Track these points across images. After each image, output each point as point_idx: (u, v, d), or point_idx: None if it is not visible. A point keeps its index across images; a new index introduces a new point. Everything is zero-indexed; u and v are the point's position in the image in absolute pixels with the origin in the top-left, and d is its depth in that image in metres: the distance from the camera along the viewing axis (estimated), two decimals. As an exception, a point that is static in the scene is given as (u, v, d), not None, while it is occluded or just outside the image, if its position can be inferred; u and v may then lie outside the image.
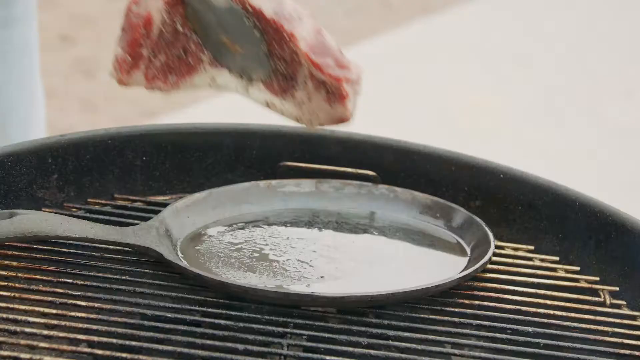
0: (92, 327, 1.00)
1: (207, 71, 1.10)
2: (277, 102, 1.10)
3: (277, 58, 1.08)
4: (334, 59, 1.06)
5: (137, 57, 1.07)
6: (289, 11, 1.06)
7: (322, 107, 1.08)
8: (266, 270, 1.13)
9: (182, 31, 1.07)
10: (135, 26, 1.06)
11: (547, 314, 1.11)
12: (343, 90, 1.07)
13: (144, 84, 1.09)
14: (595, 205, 1.22)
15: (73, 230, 1.10)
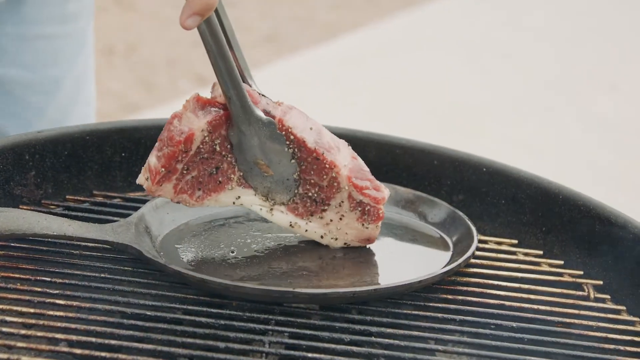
0: (71, 326, 0.99)
1: (233, 190, 1.14)
2: (302, 223, 1.15)
3: (311, 185, 1.13)
4: (370, 182, 1.14)
5: (172, 170, 1.10)
6: (327, 141, 1.13)
7: (354, 226, 1.15)
8: (247, 267, 1.12)
9: (219, 151, 1.11)
10: (177, 142, 1.09)
11: (531, 308, 1.10)
12: (381, 211, 1.14)
13: (171, 196, 1.12)
14: (579, 199, 1.21)
15: (51, 227, 1.08)
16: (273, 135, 1.11)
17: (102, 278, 1.08)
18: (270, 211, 1.15)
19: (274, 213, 1.15)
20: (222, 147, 1.11)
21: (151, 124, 1.31)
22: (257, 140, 1.11)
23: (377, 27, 5.05)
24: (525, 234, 1.25)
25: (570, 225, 1.22)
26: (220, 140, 1.11)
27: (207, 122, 1.10)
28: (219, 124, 1.10)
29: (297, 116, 1.12)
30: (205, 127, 1.10)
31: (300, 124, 1.12)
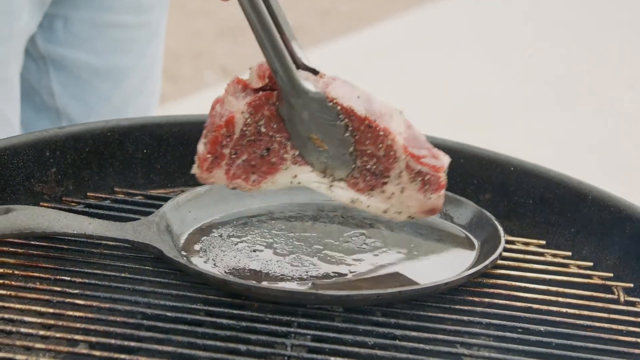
0: (91, 327, 0.98)
1: (289, 169, 1.11)
2: (363, 199, 1.11)
3: (368, 156, 1.09)
4: (428, 150, 1.09)
5: (219, 156, 1.08)
6: (378, 108, 1.08)
7: (416, 198, 1.10)
8: (270, 268, 1.10)
9: (265, 131, 1.09)
10: (218, 126, 1.08)
11: (559, 312, 1.08)
12: (441, 179, 1.09)
13: (225, 182, 1.10)
14: (609, 199, 1.19)
15: (71, 226, 1.07)
16: (323, 108, 1.07)
17: (122, 278, 1.07)
18: (330, 188, 1.11)
19: (333, 190, 1.11)
20: (268, 127, 1.08)
21: (173, 120, 1.30)
22: (307, 114, 1.07)
23: (399, 19, 5.03)
24: (554, 235, 1.23)
25: (600, 227, 1.19)
26: (264, 121, 1.08)
27: (246, 103, 1.07)
28: (260, 105, 1.07)
29: (341, 86, 1.08)
30: (245, 108, 1.07)
31: (346, 93, 1.07)
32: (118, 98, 1.64)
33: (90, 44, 1.60)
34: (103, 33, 1.60)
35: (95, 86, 1.62)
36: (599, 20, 5.15)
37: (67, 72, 1.61)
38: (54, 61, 1.59)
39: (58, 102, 1.62)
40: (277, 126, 1.08)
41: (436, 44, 4.73)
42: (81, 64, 1.61)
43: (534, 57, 4.61)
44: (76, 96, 1.62)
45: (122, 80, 1.63)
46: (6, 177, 1.18)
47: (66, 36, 1.58)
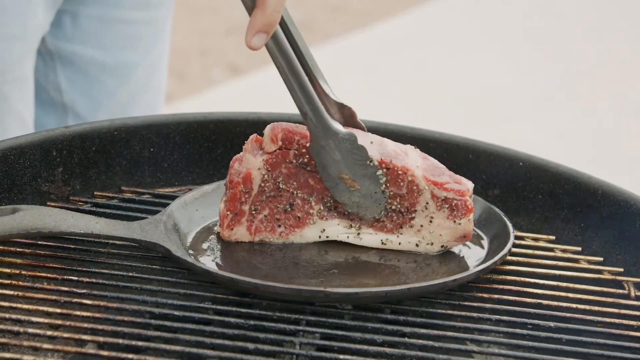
0: (98, 327, 0.97)
1: (316, 224, 1.13)
2: (393, 238, 1.13)
3: (392, 197, 1.11)
4: (449, 177, 1.11)
5: (239, 213, 1.11)
6: (392, 149, 1.11)
7: (446, 226, 1.11)
8: (277, 265, 1.09)
9: (285, 188, 1.11)
10: (236, 183, 1.10)
11: (569, 307, 1.07)
12: (468, 202, 1.11)
13: (248, 238, 1.12)
14: (619, 194, 1.18)
15: (78, 225, 1.07)
16: (354, 148, 1.09)
17: (129, 277, 1.06)
18: (358, 236, 1.13)
19: (362, 237, 1.13)
20: (288, 184, 1.11)
21: (180, 119, 1.29)
22: (338, 154, 1.10)
23: (410, 14, 5.01)
24: (563, 230, 1.22)
25: (610, 221, 1.18)
26: (282, 178, 1.11)
27: (263, 160, 1.10)
28: (277, 162, 1.10)
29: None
30: (261, 165, 1.10)
31: (359, 141, 1.10)
32: (124, 94, 1.64)
33: (98, 40, 1.60)
34: (111, 29, 1.60)
35: (102, 82, 1.62)
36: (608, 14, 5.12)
37: (74, 68, 1.61)
38: (61, 57, 1.59)
39: (65, 97, 1.62)
40: (297, 183, 1.11)
41: (446, 39, 4.71)
42: (89, 59, 1.61)
43: (544, 52, 4.59)
44: (83, 92, 1.62)
45: (129, 76, 1.63)
46: (13, 177, 1.18)
47: (74, 32, 1.59)
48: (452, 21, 4.97)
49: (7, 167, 1.17)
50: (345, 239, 1.13)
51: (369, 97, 4.00)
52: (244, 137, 1.29)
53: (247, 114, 1.31)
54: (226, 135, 1.30)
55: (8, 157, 1.18)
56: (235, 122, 1.30)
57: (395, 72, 4.32)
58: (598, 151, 3.63)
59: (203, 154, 1.30)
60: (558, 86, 4.22)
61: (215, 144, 1.30)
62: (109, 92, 1.63)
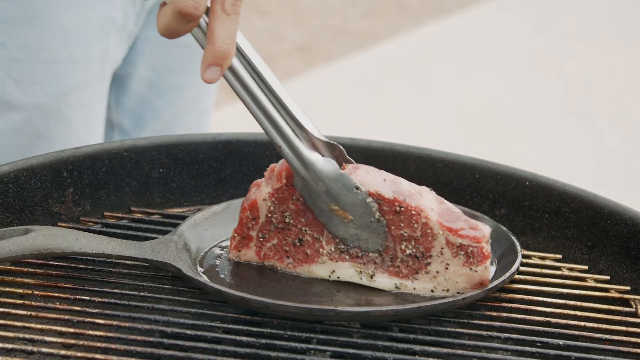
0: (111, 346, 0.98)
1: (326, 264, 1.12)
2: (408, 283, 1.10)
3: (406, 240, 1.08)
4: (465, 222, 1.08)
5: (247, 237, 1.12)
6: (406, 188, 1.08)
7: (462, 273, 1.08)
8: (288, 284, 1.10)
9: (293, 223, 1.11)
10: (243, 208, 1.12)
11: (577, 325, 1.07)
12: (485, 249, 1.07)
13: (258, 260, 1.13)
14: (625, 212, 1.19)
15: (90, 246, 1.07)
16: (337, 176, 1.07)
17: (141, 297, 1.07)
18: (371, 279, 1.11)
19: (375, 280, 1.11)
20: (297, 220, 1.10)
21: (189, 140, 1.30)
22: (322, 185, 1.07)
23: (409, 35, 5.04)
24: (570, 249, 1.23)
25: (617, 240, 1.19)
26: (290, 213, 1.10)
27: (268, 193, 1.10)
28: (284, 198, 1.09)
29: (365, 173, 1.08)
30: (267, 197, 1.10)
31: (371, 179, 1.08)
32: (170, 114, 1.66)
33: (151, 61, 1.62)
34: (166, 52, 1.62)
35: (149, 101, 1.64)
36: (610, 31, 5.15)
37: (124, 87, 1.63)
38: (114, 75, 1.61)
39: (113, 115, 1.65)
40: (306, 220, 1.10)
41: (448, 58, 4.74)
42: (139, 79, 1.63)
43: (545, 70, 4.61)
44: (130, 110, 1.64)
45: (176, 97, 1.65)
46: (24, 198, 1.19)
47: (130, 53, 1.61)
48: (453, 40, 4.99)
49: (19, 188, 1.19)
50: (358, 281, 1.11)
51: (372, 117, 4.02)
52: (252, 157, 1.31)
53: (256, 135, 1.32)
54: (235, 156, 1.31)
55: (20, 178, 1.19)
56: (244, 143, 1.31)
57: (397, 91, 4.33)
58: (598, 168, 3.64)
59: (212, 175, 1.31)
60: (559, 103, 4.24)
61: (224, 165, 1.31)
62: (155, 111, 1.64)
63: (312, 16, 5.23)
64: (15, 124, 1.47)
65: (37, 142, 1.49)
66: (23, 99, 1.46)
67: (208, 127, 1.75)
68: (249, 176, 1.31)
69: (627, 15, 5.40)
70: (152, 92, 1.64)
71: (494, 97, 4.28)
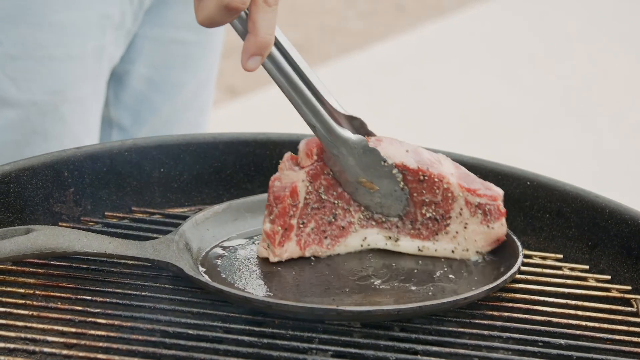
0: (113, 345, 0.98)
1: (358, 232, 1.16)
2: (429, 245, 1.16)
3: (427, 205, 1.15)
4: (481, 184, 1.15)
5: (288, 228, 1.13)
6: (428, 157, 1.14)
7: (480, 231, 1.15)
8: (289, 284, 1.10)
9: (327, 198, 1.14)
10: (282, 198, 1.12)
11: (578, 325, 1.08)
12: (501, 206, 1.14)
13: (299, 253, 1.14)
14: (626, 212, 1.19)
15: (91, 245, 1.07)
16: (367, 151, 1.12)
17: (142, 296, 1.07)
18: (396, 243, 1.16)
19: (400, 244, 1.16)
20: (329, 194, 1.14)
21: (190, 140, 1.30)
22: (352, 160, 1.12)
23: (407, 35, 5.04)
24: (571, 249, 1.23)
25: (618, 240, 1.19)
26: (323, 189, 1.13)
27: (305, 172, 1.12)
28: (317, 174, 1.13)
29: (389, 144, 1.14)
30: (304, 177, 1.12)
31: (395, 150, 1.13)
32: (169, 111, 1.66)
33: (150, 59, 1.63)
34: (164, 49, 1.63)
35: (148, 98, 1.65)
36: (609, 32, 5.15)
37: (123, 84, 1.64)
38: (112, 73, 1.62)
39: (111, 112, 1.65)
40: (336, 193, 1.14)
41: (446, 58, 4.74)
42: (138, 76, 1.63)
43: (544, 70, 4.61)
44: (129, 107, 1.65)
45: (175, 94, 1.66)
46: (25, 198, 1.19)
47: (129, 51, 1.61)
48: (452, 40, 5.00)
49: (20, 188, 1.18)
50: (384, 246, 1.16)
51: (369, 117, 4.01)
52: (252, 157, 1.31)
53: (256, 135, 1.32)
54: (235, 156, 1.31)
55: (20, 177, 1.19)
56: (245, 143, 1.31)
57: (394, 92, 4.33)
58: (598, 168, 3.65)
59: (212, 175, 1.31)
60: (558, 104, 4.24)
61: (225, 165, 1.31)
62: (154, 108, 1.65)
63: (309, 16, 5.23)
64: (11, 120, 1.47)
65: (33, 138, 1.49)
66: (19, 96, 1.46)
67: (207, 126, 1.76)
68: (249, 176, 1.31)
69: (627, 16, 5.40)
70: (151, 89, 1.65)
71: (492, 98, 4.29)
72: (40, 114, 1.48)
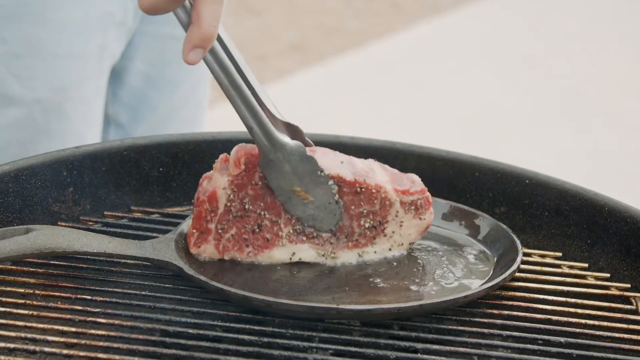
0: (113, 345, 0.98)
1: (286, 247, 1.13)
2: (369, 249, 1.15)
3: (364, 216, 1.13)
4: (407, 179, 1.15)
5: (205, 231, 1.11)
6: (361, 167, 1.12)
7: (414, 224, 1.15)
8: (289, 283, 1.10)
9: (253, 209, 1.11)
10: (201, 202, 1.10)
11: (578, 323, 1.08)
12: (429, 197, 1.15)
13: (218, 256, 1.12)
14: (625, 210, 1.19)
15: (91, 245, 1.07)
16: (304, 159, 1.10)
17: (142, 296, 1.07)
18: (333, 258, 1.14)
19: (337, 256, 1.14)
20: (255, 205, 1.11)
21: (189, 138, 1.30)
22: (288, 167, 1.10)
23: (403, 35, 5.04)
24: (570, 247, 1.23)
25: (617, 238, 1.19)
26: (249, 199, 1.11)
27: (228, 180, 1.10)
28: (243, 184, 1.10)
29: (323, 155, 1.11)
30: (227, 185, 1.10)
31: (330, 161, 1.11)
32: (166, 108, 1.66)
33: (148, 55, 1.63)
34: (161, 45, 1.63)
35: (145, 95, 1.65)
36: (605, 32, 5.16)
37: (120, 81, 1.63)
38: (110, 69, 1.62)
39: (109, 108, 1.65)
40: (264, 204, 1.11)
41: (443, 58, 4.74)
42: (136, 73, 1.63)
43: (541, 69, 4.62)
44: (126, 104, 1.65)
45: (172, 91, 1.66)
46: (24, 197, 1.19)
47: (127, 47, 1.61)
48: (448, 40, 5.00)
49: (19, 188, 1.18)
50: (321, 261, 1.14)
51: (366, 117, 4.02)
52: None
53: (255, 134, 1.31)
54: (234, 155, 1.31)
55: (20, 177, 1.19)
56: (244, 142, 1.31)
57: (391, 91, 4.34)
58: (593, 168, 3.65)
59: (211, 174, 1.30)
60: (555, 104, 4.25)
61: (224, 164, 1.31)
62: (151, 105, 1.65)
63: (306, 16, 5.23)
64: (16, 119, 1.47)
65: (37, 136, 1.49)
66: (23, 93, 1.47)
67: (203, 124, 1.76)
68: (248, 175, 1.31)
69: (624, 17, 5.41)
70: (148, 86, 1.65)
71: (489, 98, 4.29)
72: (44, 111, 1.48)
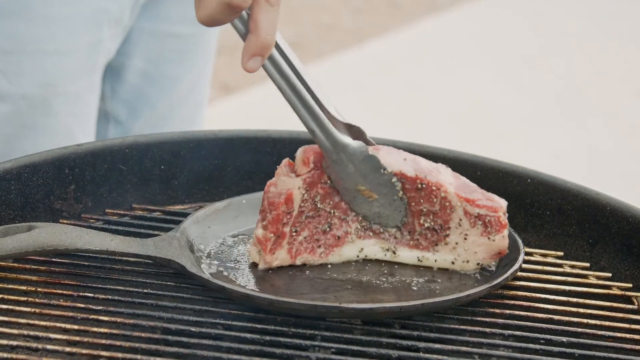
0: (115, 342, 0.98)
1: (355, 243, 1.14)
2: (429, 255, 1.14)
3: (425, 215, 1.13)
4: (481, 194, 1.12)
5: (280, 235, 1.11)
6: (426, 166, 1.13)
7: (480, 242, 1.12)
8: (290, 281, 1.10)
9: (322, 207, 1.12)
10: (277, 204, 1.10)
11: (580, 322, 1.08)
12: (502, 218, 1.11)
13: (290, 261, 1.12)
14: (627, 210, 1.19)
15: (93, 242, 1.07)
16: (366, 158, 1.11)
17: (144, 294, 1.07)
18: (394, 255, 1.15)
19: (398, 254, 1.15)
20: (325, 203, 1.12)
21: (190, 137, 1.30)
22: (352, 167, 1.11)
23: (401, 32, 5.04)
24: (572, 246, 1.23)
25: (618, 237, 1.19)
26: (319, 197, 1.12)
27: (302, 180, 1.11)
28: (314, 182, 1.11)
29: (387, 153, 1.12)
30: (301, 184, 1.11)
31: (393, 159, 1.12)
32: (164, 106, 1.66)
33: (146, 52, 1.63)
34: (160, 42, 1.63)
35: (144, 92, 1.65)
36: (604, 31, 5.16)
37: (120, 78, 1.64)
38: (108, 66, 1.61)
39: (108, 105, 1.65)
40: (333, 202, 1.12)
41: (441, 56, 4.74)
42: (134, 70, 1.63)
43: (539, 68, 4.62)
44: (125, 101, 1.65)
45: (171, 89, 1.66)
46: (26, 195, 1.19)
47: (125, 44, 1.61)
48: (446, 39, 5.00)
49: (21, 185, 1.18)
50: (382, 257, 1.14)
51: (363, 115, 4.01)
52: (253, 154, 1.31)
53: (257, 132, 1.32)
54: (236, 153, 1.31)
55: (21, 174, 1.18)
56: (245, 140, 1.31)
57: (388, 89, 4.33)
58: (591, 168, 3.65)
59: (213, 172, 1.30)
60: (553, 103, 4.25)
61: (225, 162, 1.31)
62: (150, 102, 1.65)
63: (303, 13, 5.23)
64: (2, 114, 1.48)
65: (23, 132, 1.49)
66: (9, 89, 1.47)
67: (202, 123, 1.75)
68: (250, 173, 1.31)
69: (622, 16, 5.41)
70: (147, 83, 1.65)
71: (488, 97, 4.29)
72: (30, 107, 1.48)
